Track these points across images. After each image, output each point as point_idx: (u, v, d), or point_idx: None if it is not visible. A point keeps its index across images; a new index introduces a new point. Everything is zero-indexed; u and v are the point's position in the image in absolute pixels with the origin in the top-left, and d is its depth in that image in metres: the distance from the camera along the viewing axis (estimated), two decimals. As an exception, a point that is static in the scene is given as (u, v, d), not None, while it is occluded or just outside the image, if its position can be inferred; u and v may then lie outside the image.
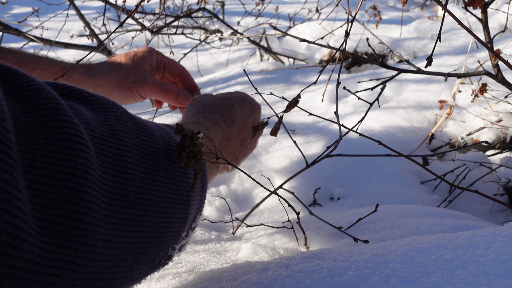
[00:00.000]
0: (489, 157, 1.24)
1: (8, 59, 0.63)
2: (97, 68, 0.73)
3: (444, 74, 0.74)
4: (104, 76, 0.72)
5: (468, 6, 0.67)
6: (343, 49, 0.69)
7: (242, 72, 2.01)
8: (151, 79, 0.76)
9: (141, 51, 0.77)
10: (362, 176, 1.18)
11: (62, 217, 0.29)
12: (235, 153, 0.69)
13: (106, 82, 0.72)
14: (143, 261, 0.40)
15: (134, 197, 0.36)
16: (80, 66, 0.72)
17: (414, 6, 3.68)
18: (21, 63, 0.64)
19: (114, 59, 0.76)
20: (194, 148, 0.46)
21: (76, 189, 0.30)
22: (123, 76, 0.73)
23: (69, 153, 0.30)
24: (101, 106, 0.38)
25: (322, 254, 0.60)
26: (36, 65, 0.66)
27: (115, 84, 0.73)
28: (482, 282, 0.48)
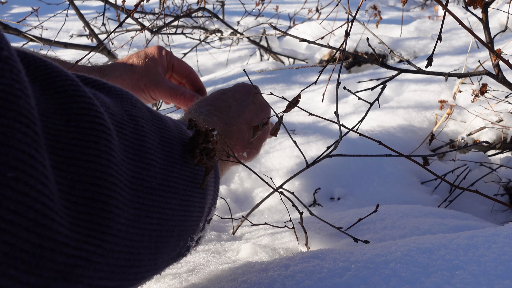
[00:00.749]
0: (490, 157, 1.23)
1: None
2: (110, 71, 0.72)
3: (445, 74, 0.74)
4: (117, 78, 0.71)
5: (469, 6, 0.67)
6: (343, 49, 0.69)
7: (242, 72, 2.00)
8: (163, 82, 0.75)
9: (152, 52, 0.77)
10: (362, 176, 1.17)
11: (88, 198, 0.28)
12: (244, 138, 0.67)
13: (119, 85, 0.72)
14: (166, 249, 0.39)
15: (156, 183, 0.35)
16: (92, 69, 0.71)
17: (414, 5, 3.68)
18: None
19: (126, 60, 0.74)
20: (208, 145, 0.45)
21: (100, 170, 0.29)
22: (135, 79, 0.72)
23: (92, 134, 0.29)
24: (116, 93, 0.37)
25: (322, 254, 0.60)
26: None
27: (128, 87, 0.72)
28: (483, 283, 0.48)
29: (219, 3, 2.85)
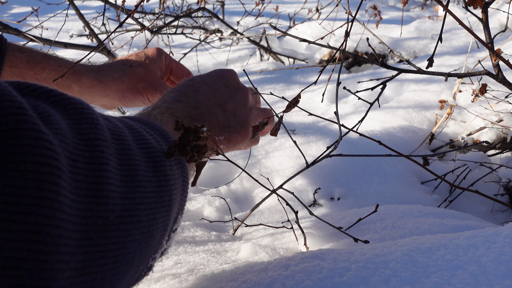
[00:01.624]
0: (490, 157, 1.23)
1: (17, 57, 0.60)
2: (108, 72, 0.70)
3: (445, 74, 0.74)
4: (116, 81, 0.70)
5: (469, 5, 0.67)
6: (343, 49, 0.69)
7: (242, 72, 2.00)
8: (161, 86, 0.74)
9: (151, 54, 0.75)
10: (362, 176, 1.17)
11: (21, 259, 0.24)
12: (218, 121, 0.61)
13: (118, 87, 0.70)
14: (122, 282, 0.35)
15: (114, 217, 0.31)
16: (90, 69, 0.69)
17: (414, 5, 3.68)
18: (30, 62, 0.62)
19: (125, 60, 0.73)
20: (199, 142, 0.44)
21: (40, 223, 0.25)
22: (135, 81, 0.71)
23: (34, 179, 0.25)
24: (75, 110, 0.32)
25: (322, 254, 0.60)
26: (45, 65, 0.63)
27: (127, 89, 0.70)
28: (483, 283, 0.48)
29: (219, 3, 2.85)
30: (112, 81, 0.70)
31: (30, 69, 0.61)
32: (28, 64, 0.61)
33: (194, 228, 0.91)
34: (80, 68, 0.69)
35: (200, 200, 1.09)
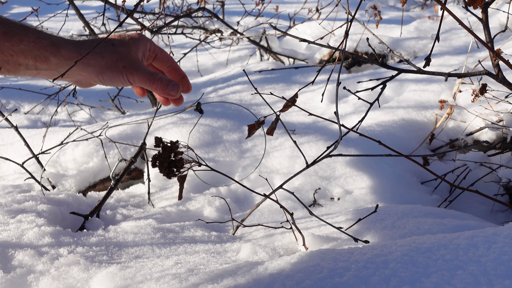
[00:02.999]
0: (490, 157, 1.23)
1: None
2: (89, 46, 0.68)
3: (445, 74, 0.74)
4: (96, 55, 0.68)
5: (469, 5, 0.67)
6: (343, 49, 0.69)
7: (242, 72, 2.00)
8: (142, 67, 0.73)
9: (135, 36, 0.74)
10: (362, 176, 1.17)
11: None
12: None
13: (97, 62, 0.69)
14: None
15: None
16: (70, 42, 0.67)
17: (414, 5, 3.68)
18: (7, 34, 0.60)
19: (108, 39, 0.71)
20: (176, 157, 0.46)
21: None
22: (115, 59, 0.69)
23: None
24: None
25: (322, 254, 0.60)
26: (23, 37, 0.61)
27: (107, 65, 0.69)
28: (483, 283, 0.48)
29: (219, 3, 2.85)
30: (92, 55, 0.67)
31: (7, 40, 0.60)
32: (5, 35, 0.60)
33: (194, 228, 0.92)
34: (60, 40, 0.67)
35: (200, 200, 1.09)
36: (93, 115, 1.86)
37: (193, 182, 1.21)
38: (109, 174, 1.30)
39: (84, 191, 1.26)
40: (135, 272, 0.67)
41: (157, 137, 0.46)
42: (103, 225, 0.94)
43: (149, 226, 0.90)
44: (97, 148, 1.32)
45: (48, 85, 2.07)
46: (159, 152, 0.46)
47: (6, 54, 0.60)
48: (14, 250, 0.76)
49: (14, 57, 0.61)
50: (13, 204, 0.96)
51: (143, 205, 1.15)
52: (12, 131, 1.50)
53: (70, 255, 0.74)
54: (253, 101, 1.71)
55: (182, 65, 2.36)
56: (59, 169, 1.32)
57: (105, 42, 0.70)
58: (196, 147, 1.33)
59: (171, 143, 0.46)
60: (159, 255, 0.77)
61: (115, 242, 0.83)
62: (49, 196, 1.05)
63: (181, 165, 0.47)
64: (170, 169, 0.45)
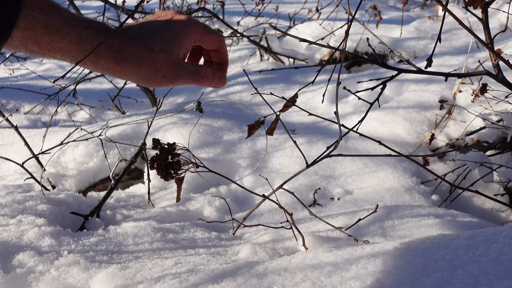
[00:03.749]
0: (490, 157, 1.23)
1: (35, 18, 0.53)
2: (127, 55, 0.64)
3: (445, 74, 0.74)
4: (133, 66, 0.65)
5: (469, 6, 0.67)
6: (343, 49, 0.69)
7: (242, 72, 2.00)
8: (183, 71, 0.68)
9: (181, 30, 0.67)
10: (362, 176, 1.17)
11: None
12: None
13: (134, 72, 0.65)
14: None
15: None
16: (111, 48, 0.63)
17: (414, 6, 3.68)
18: (49, 28, 0.55)
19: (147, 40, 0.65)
20: (173, 160, 0.46)
21: None
22: (153, 69, 0.66)
23: None
24: None
25: (322, 255, 0.60)
26: (65, 35, 0.57)
27: (144, 77, 0.65)
28: (483, 283, 0.48)
29: (219, 3, 2.85)
30: (129, 66, 0.64)
31: (48, 35, 0.55)
32: (46, 29, 0.55)
33: (194, 228, 0.92)
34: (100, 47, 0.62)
35: (200, 200, 1.09)
36: (93, 115, 1.86)
37: (193, 182, 1.21)
38: (109, 174, 1.30)
39: (84, 191, 1.27)
40: (135, 272, 0.67)
41: (155, 139, 0.46)
42: (103, 225, 0.94)
43: (149, 226, 0.90)
44: (97, 148, 1.32)
45: (48, 85, 2.07)
46: (157, 154, 0.46)
47: (44, 49, 0.56)
48: (14, 250, 0.76)
49: (51, 52, 0.57)
50: (13, 204, 0.96)
51: (143, 205, 1.15)
52: (12, 131, 1.50)
53: (70, 255, 0.74)
54: (253, 101, 1.71)
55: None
56: (59, 169, 1.32)
57: (144, 47, 0.64)
58: (196, 147, 1.33)
59: (168, 145, 0.46)
60: (159, 255, 0.77)
61: (115, 242, 0.83)
62: (49, 196, 1.05)
63: (178, 167, 0.47)
64: (168, 171, 0.45)
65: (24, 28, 0.53)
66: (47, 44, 0.56)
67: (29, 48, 0.55)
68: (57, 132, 1.49)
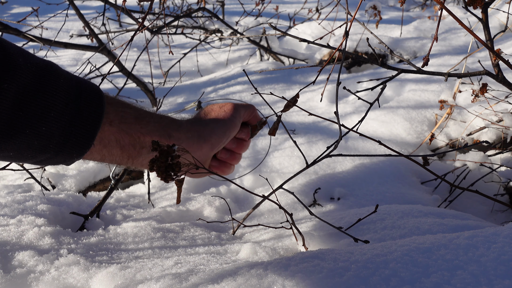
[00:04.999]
0: (490, 157, 1.23)
1: (127, 113, 0.64)
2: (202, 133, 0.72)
3: (444, 74, 0.74)
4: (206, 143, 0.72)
5: (469, 6, 0.67)
6: (343, 49, 0.69)
7: (242, 72, 2.00)
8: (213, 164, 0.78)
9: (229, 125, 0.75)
10: (362, 176, 1.17)
11: None
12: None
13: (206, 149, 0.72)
14: None
15: None
16: (189, 122, 0.72)
17: (414, 5, 3.68)
18: (138, 118, 0.65)
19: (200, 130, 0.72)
20: (173, 161, 0.46)
21: None
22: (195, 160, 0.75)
23: None
24: None
25: (322, 254, 0.60)
26: (149, 119, 0.66)
27: None
28: (483, 283, 0.48)
29: (219, 3, 2.85)
30: (202, 144, 0.71)
31: (138, 123, 0.64)
32: (136, 120, 0.65)
33: (194, 228, 0.92)
34: (181, 120, 0.73)
35: (200, 200, 1.09)
36: (93, 115, 1.85)
37: (193, 182, 1.21)
38: (109, 174, 1.30)
39: (84, 191, 1.27)
40: (135, 272, 0.67)
41: (154, 141, 0.47)
42: (103, 225, 0.94)
43: (149, 226, 0.90)
44: (97, 148, 1.32)
45: (48, 85, 2.07)
46: (156, 156, 0.46)
47: (135, 137, 0.64)
48: (14, 250, 0.76)
49: (141, 138, 0.64)
50: (13, 204, 0.96)
51: (143, 205, 1.15)
52: (12, 131, 1.50)
53: (70, 255, 0.74)
54: (253, 101, 1.71)
55: (182, 65, 2.36)
56: (59, 169, 1.32)
57: (198, 136, 0.71)
58: (196, 147, 1.33)
59: (168, 147, 0.46)
60: (159, 255, 0.77)
61: (115, 242, 0.83)
62: (49, 196, 1.05)
63: (178, 169, 0.47)
64: (168, 173, 0.45)
65: (119, 122, 0.62)
66: (137, 131, 0.64)
67: (121, 142, 0.63)
68: (57, 132, 1.48)
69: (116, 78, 2.20)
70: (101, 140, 0.60)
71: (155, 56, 2.53)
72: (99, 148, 0.61)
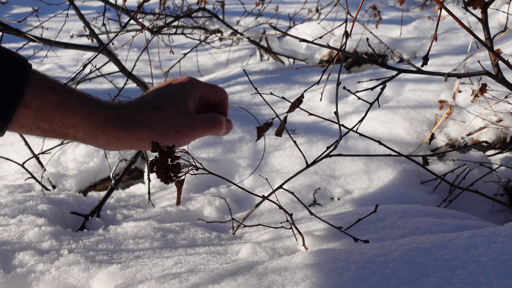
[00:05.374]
0: (489, 157, 1.24)
1: (48, 99, 0.56)
2: (137, 120, 0.65)
3: (444, 74, 0.74)
4: (144, 129, 0.65)
5: (468, 6, 0.67)
6: (343, 49, 0.69)
7: (242, 72, 2.01)
8: (197, 121, 0.68)
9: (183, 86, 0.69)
10: (362, 176, 1.17)
11: None
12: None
13: (147, 135, 0.65)
14: None
15: None
16: (121, 118, 0.64)
17: (414, 6, 3.68)
18: (62, 106, 0.58)
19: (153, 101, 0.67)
20: (173, 163, 0.47)
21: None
22: (165, 126, 0.65)
23: None
24: None
25: (322, 254, 0.60)
26: (76, 111, 0.59)
27: (157, 136, 0.65)
28: (482, 282, 0.48)
29: (219, 3, 2.85)
30: (141, 130, 0.64)
31: (59, 113, 0.58)
32: (59, 108, 0.58)
33: (194, 228, 0.92)
34: (112, 117, 0.63)
35: (200, 200, 1.09)
36: (93, 115, 1.85)
37: (193, 182, 1.21)
38: (109, 174, 1.30)
39: (85, 191, 1.27)
40: (136, 271, 0.67)
41: (154, 142, 0.47)
42: (104, 225, 0.94)
43: (149, 226, 0.90)
44: (97, 148, 1.32)
45: (48, 85, 2.07)
46: (156, 157, 0.46)
47: (55, 126, 0.59)
48: (15, 250, 0.76)
49: (62, 128, 0.60)
50: (13, 204, 0.96)
51: (143, 205, 1.15)
52: (13, 131, 1.50)
53: (71, 255, 0.74)
54: (253, 101, 1.71)
55: (182, 65, 2.36)
56: (60, 169, 1.32)
57: (150, 107, 0.66)
58: (197, 147, 1.34)
59: (168, 148, 0.46)
60: (159, 255, 0.77)
61: (116, 241, 0.83)
62: (50, 196, 1.05)
63: (178, 170, 0.47)
64: (168, 174, 0.46)
65: (36, 108, 0.56)
66: (58, 121, 0.58)
67: (40, 127, 0.58)
68: (57, 132, 1.49)
69: (116, 78, 2.21)
70: (17, 121, 0.56)
71: (155, 56, 2.53)
72: (17, 128, 0.57)
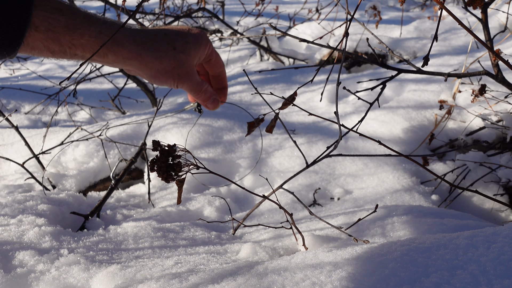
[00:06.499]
0: (490, 157, 1.24)
1: (55, 20, 0.56)
2: (150, 47, 0.66)
3: (444, 74, 0.74)
4: (155, 60, 0.67)
5: (468, 6, 0.67)
6: (343, 49, 0.69)
7: (242, 72, 2.01)
8: (194, 77, 0.71)
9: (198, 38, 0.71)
10: (362, 176, 1.18)
11: None
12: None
13: (155, 66, 0.67)
14: None
15: None
16: (132, 39, 0.65)
17: (414, 6, 3.68)
18: (69, 27, 0.57)
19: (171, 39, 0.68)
20: (174, 161, 0.47)
21: None
22: (172, 67, 0.68)
23: None
24: None
25: (322, 254, 0.60)
26: (85, 31, 0.59)
27: (163, 71, 0.68)
28: (482, 282, 0.48)
29: (219, 3, 2.85)
30: (151, 59, 0.66)
31: (68, 34, 0.57)
32: (67, 29, 0.57)
33: (194, 228, 0.92)
34: (122, 37, 0.64)
35: (200, 200, 1.09)
36: (94, 115, 1.86)
37: (194, 182, 1.21)
38: (109, 174, 1.30)
39: (85, 191, 1.27)
40: (135, 271, 0.67)
41: (155, 141, 0.47)
42: (104, 225, 0.94)
43: (149, 226, 0.90)
44: (97, 148, 1.32)
45: (48, 85, 2.08)
46: (157, 156, 0.46)
47: (65, 47, 0.59)
48: (15, 250, 0.76)
49: (72, 49, 0.60)
50: (13, 204, 0.96)
51: (143, 205, 1.15)
52: (13, 131, 1.50)
53: (71, 255, 0.74)
54: (253, 101, 1.71)
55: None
56: (60, 169, 1.32)
57: (167, 44, 0.66)
58: (197, 147, 1.34)
59: (169, 146, 0.46)
60: (159, 255, 0.77)
61: (116, 241, 0.83)
62: (50, 196, 1.05)
63: (179, 169, 0.47)
64: (168, 173, 0.46)
65: (45, 30, 0.56)
66: (68, 42, 0.58)
67: (50, 48, 0.58)
68: (57, 132, 1.49)
69: (116, 78, 2.20)
70: (28, 44, 0.56)
71: (155, 56, 2.53)
72: (28, 50, 0.57)
